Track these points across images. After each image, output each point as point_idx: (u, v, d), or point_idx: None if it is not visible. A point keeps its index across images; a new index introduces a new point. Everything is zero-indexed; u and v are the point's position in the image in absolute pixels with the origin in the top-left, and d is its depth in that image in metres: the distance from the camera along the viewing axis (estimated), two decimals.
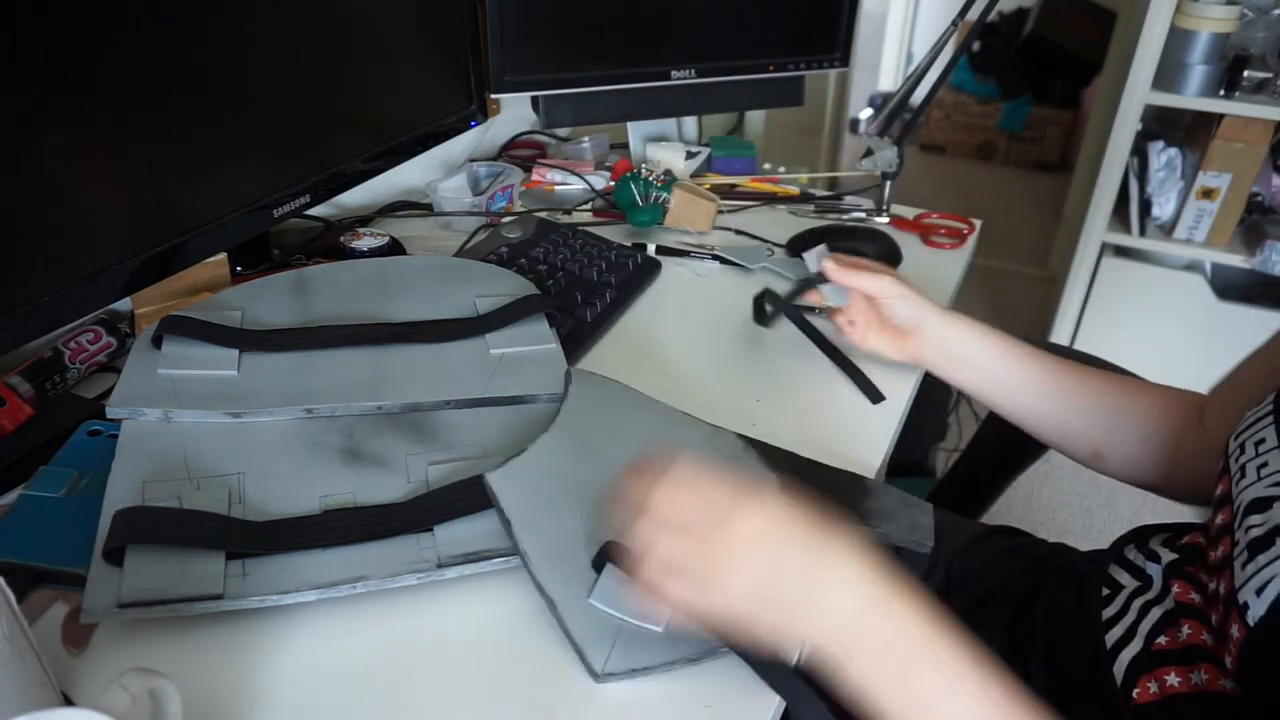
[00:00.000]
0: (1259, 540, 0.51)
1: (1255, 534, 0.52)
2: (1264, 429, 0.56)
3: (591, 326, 0.86)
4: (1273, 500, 0.52)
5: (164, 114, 0.71)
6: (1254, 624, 0.49)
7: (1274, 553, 0.49)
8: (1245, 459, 0.56)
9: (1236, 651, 0.50)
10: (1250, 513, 0.53)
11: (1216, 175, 1.81)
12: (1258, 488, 0.54)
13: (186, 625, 0.55)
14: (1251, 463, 0.55)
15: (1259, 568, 0.50)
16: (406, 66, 0.98)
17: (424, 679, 0.53)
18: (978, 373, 0.77)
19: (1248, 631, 0.49)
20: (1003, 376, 0.76)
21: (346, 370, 0.71)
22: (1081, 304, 2.09)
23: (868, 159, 1.11)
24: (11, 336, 0.65)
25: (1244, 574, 0.51)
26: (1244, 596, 0.50)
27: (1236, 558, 0.53)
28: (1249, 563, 0.51)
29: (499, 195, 1.13)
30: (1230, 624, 0.51)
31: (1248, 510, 0.53)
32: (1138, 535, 0.70)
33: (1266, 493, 0.53)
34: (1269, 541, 0.50)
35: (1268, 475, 0.53)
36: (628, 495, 0.50)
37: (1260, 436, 0.56)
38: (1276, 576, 0.48)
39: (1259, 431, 0.56)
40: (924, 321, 0.77)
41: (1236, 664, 0.50)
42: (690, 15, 1.12)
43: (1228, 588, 0.53)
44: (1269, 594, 0.48)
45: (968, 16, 1.05)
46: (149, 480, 0.60)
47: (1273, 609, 0.48)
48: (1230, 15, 1.69)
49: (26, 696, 0.43)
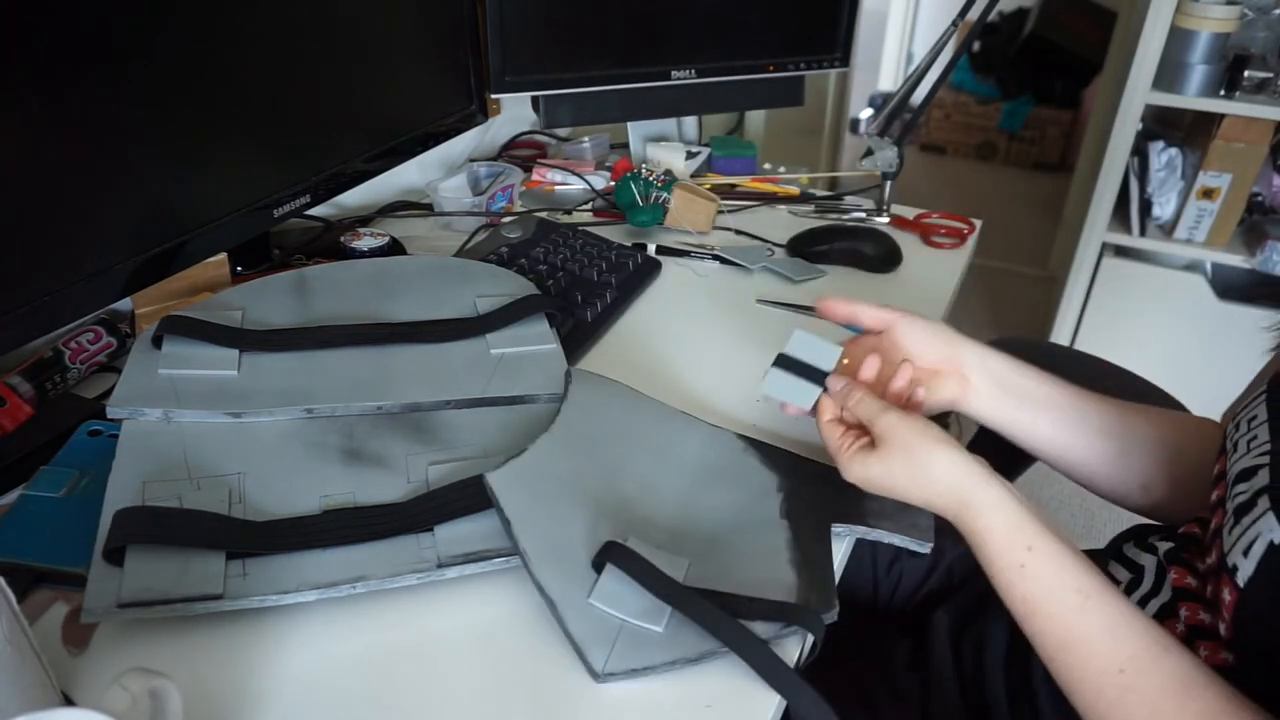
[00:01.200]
0: (1243, 505, 0.52)
1: (1240, 500, 0.53)
2: (1257, 406, 0.57)
3: (591, 326, 0.87)
4: (1257, 469, 0.53)
5: (164, 114, 0.71)
6: (1243, 584, 0.50)
7: (1256, 513, 0.50)
8: (1239, 435, 0.57)
9: (1230, 616, 0.51)
10: (1238, 482, 0.54)
11: (1217, 175, 1.81)
12: (1246, 459, 0.55)
13: (186, 625, 0.55)
14: (1244, 438, 0.56)
15: (1243, 530, 0.51)
16: (407, 66, 0.98)
17: (424, 679, 0.53)
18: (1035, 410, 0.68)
19: (1239, 593, 0.50)
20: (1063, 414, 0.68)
21: (347, 370, 0.71)
22: (1081, 304, 2.09)
23: (868, 159, 1.11)
24: (11, 336, 0.65)
25: (1230, 538, 0.52)
26: (1232, 559, 0.51)
27: (1225, 526, 0.54)
28: (1235, 527, 0.52)
29: (499, 195, 1.13)
30: (1222, 590, 0.52)
31: (1235, 480, 0.55)
32: (1136, 533, 0.70)
33: (1253, 463, 0.54)
34: (1251, 505, 0.51)
35: (1256, 447, 0.54)
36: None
37: (1254, 413, 0.57)
38: (1261, 534, 0.49)
39: (1253, 409, 0.57)
40: (957, 348, 0.67)
41: (1231, 629, 0.51)
42: (690, 15, 1.12)
43: (1218, 557, 0.54)
44: (1255, 552, 0.49)
45: (968, 16, 1.05)
46: (149, 480, 0.60)
47: (1260, 565, 0.49)
48: (1230, 15, 1.69)
49: (26, 696, 0.43)
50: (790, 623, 0.55)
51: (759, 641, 0.53)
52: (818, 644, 0.55)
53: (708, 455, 0.68)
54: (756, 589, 0.57)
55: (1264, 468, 0.52)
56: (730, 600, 0.55)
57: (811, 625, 0.55)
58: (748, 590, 0.56)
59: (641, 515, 0.62)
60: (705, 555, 0.59)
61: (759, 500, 0.64)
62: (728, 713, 0.52)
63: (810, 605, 0.56)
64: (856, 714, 0.72)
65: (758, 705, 0.52)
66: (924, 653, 0.76)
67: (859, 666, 0.76)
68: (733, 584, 0.57)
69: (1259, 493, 0.51)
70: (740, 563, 0.59)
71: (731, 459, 0.68)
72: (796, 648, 0.55)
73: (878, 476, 0.59)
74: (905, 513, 0.65)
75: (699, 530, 0.62)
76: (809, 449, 0.71)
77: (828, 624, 0.56)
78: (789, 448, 0.70)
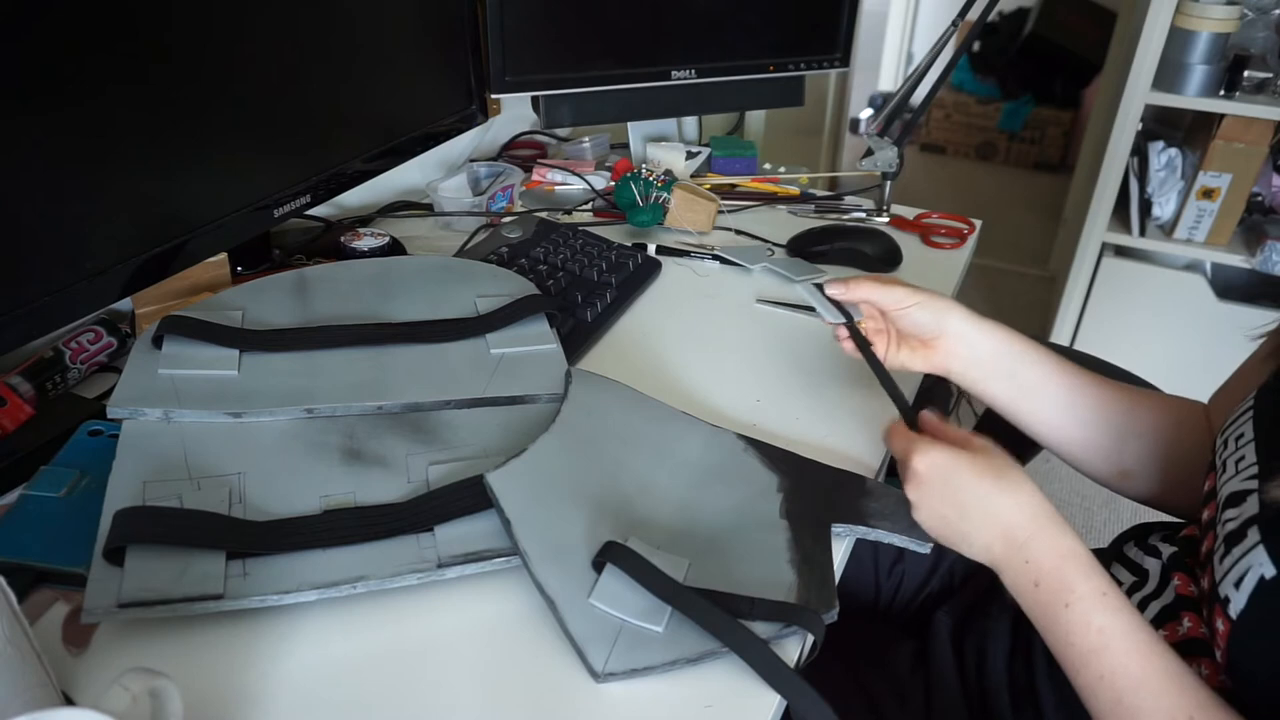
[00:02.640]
0: (1233, 534, 0.52)
1: (1230, 528, 0.52)
2: (1244, 424, 0.57)
3: (591, 326, 0.87)
4: (1246, 494, 0.53)
5: (164, 114, 0.71)
6: (1235, 617, 0.50)
7: (1246, 545, 0.50)
8: (1227, 454, 0.57)
9: (1224, 645, 0.51)
10: (1228, 507, 0.54)
11: (1217, 175, 1.81)
12: (1234, 482, 0.54)
13: (187, 625, 0.55)
14: (1231, 457, 0.56)
15: (1234, 560, 0.51)
16: (407, 66, 0.98)
17: (424, 679, 0.53)
18: (1007, 381, 0.71)
19: (1231, 625, 0.50)
20: (1032, 386, 0.71)
21: (347, 370, 0.71)
22: (1081, 304, 2.09)
23: (868, 159, 1.11)
24: (12, 336, 0.65)
25: (1222, 568, 0.52)
26: (1224, 590, 0.51)
27: (1215, 552, 0.53)
28: (1225, 556, 0.52)
29: (499, 195, 1.13)
30: (1216, 619, 0.52)
31: (1225, 505, 0.54)
32: (1137, 533, 0.70)
33: (1241, 486, 0.53)
34: (1241, 535, 0.51)
35: (1244, 469, 0.54)
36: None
37: (1240, 431, 0.57)
38: (1251, 568, 0.49)
39: (1240, 426, 0.57)
40: (945, 325, 0.70)
41: (1225, 657, 0.51)
42: (690, 15, 1.12)
43: (1210, 583, 0.53)
44: (1246, 585, 0.49)
45: (968, 16, 1.05)
46: (149, 480, 0.60)
47: (1251, 600, 0.49)
48: (1230, 15, 1.69)
49: (27, 696, 0.43)
50: (790, 623, 0.55)
51: (759, 641, 0.53)
52: (818, 644, 0.55)
53: (708, 455, 0.68)
54: (756, 589, 0.57)
55: (1253, 494, 0.52)
56: (730, 600, 0.55)
57: (811, 625, 0.55)
58: (748, 590, 0.56)
59: (642, 515, 0.62)
60: (705, 555, 0.59)
61: (759, 500, 0.64)
62: (728, 713, 0.52)
63: (810, 605, 0.56)
64: (863, 717, 0.72)
65: (758, 705, 0.52)
66: (926, 654, 0.76)
67: (863, 669, 0.76)
68: (733, 584, 0.57)
69: (1248, 522, 0.51)
70: (740, 563, 0.59)
71: (731, 459, 0.68)
72: (797, 648, 0.55)
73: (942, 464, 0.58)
74: (905, 513, 0.65)
75: (699, 530, 0.62)
76: (809, 449, 0.71)
77: (828, 624, 0.56)
78: (789, 448, 0.70)
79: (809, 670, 0.54)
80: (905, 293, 0.70)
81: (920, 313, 0.70)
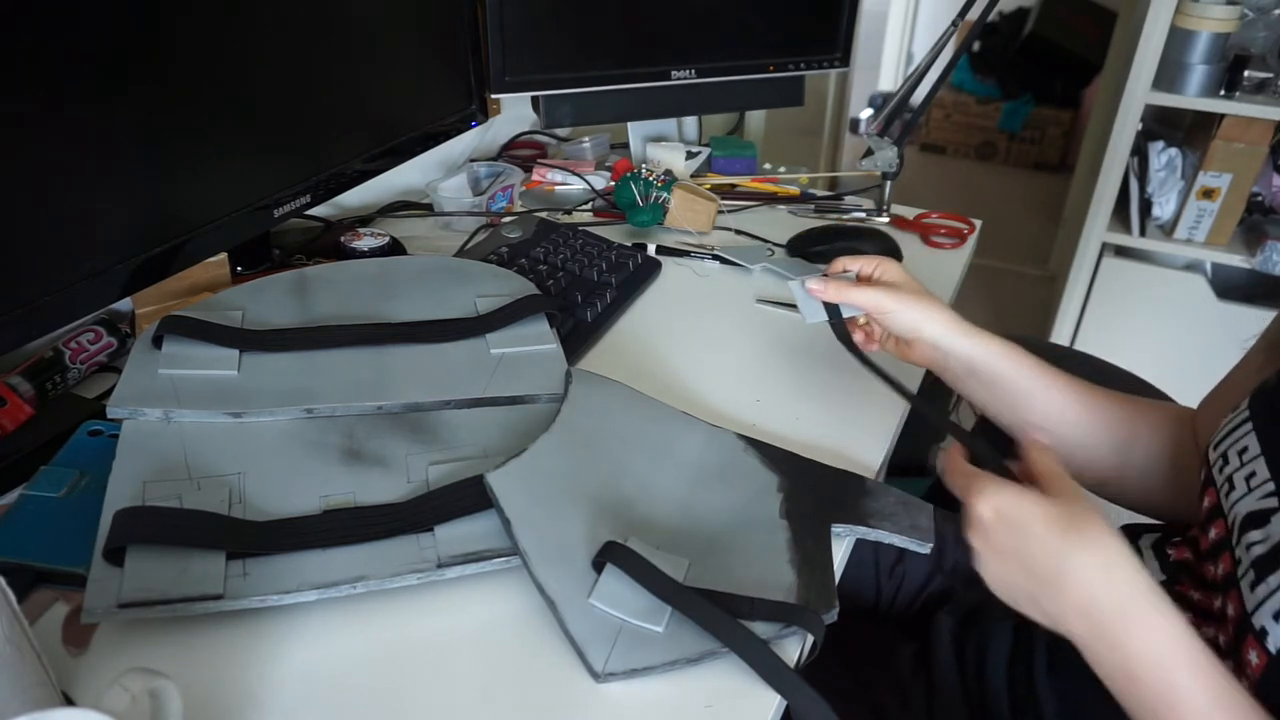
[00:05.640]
0: (1264, 559, 0.49)
1: (1259, 551, 0.50)
2: (1244, 437, 0.55)
3: (591, 326, 0.86)
4: (1270, 514, 0.51)
5: (164, 114, 0.71)
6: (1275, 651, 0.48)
7: None
8: (1230, 469, 0.55)
9: (1257, 678, 0.49)
10: (1248, 528, 0.52)
11: (1217, 175, 1.81)
12: (1250, 500, 0.52)
13: (187, 625, 0.55)
14: (1238, 473, 0.54)
15: (1270, 590, 0.48)
16: (407, 66, 0.98)
17: (424, 679, 0.53)
18: (988, 390, 0.70)
19: (1269, 659, 0.48)
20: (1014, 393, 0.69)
21: (347, 370, 0.71)
22: (1081, 304, 2.09)
23: (868, 159, 1.11)
24: (12, 336, 0.65)
25: (1255, 596, 0.49)
26: (1260, 621, 0.48)
27: (1242, 577, 0.51)
28: (1258, 583, 0.49)
29: (499, 195, 1.13)
30: (1247, 650, 0.50)
31: (1245, 525, 0.52)
32: (1127, 534, 0.70)
33: (1260, 505, 0.52)
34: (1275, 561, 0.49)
35: (1258, 486, 0.52)
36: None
37: (1243, 445, 0.55)
38: None
39: (1240, 440, 0.55)
40: (920, 332, 0.69)
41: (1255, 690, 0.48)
42: (690, 15, 1.12)
43: (1237, 610, 0.51)
44: None
45: (968, 16, 1.05)
46: (149, 480, 0.60)
47: None
48: (1230, 15, 1.69)
49: (27, 696, 0.43)
50: (790, 623, 0.55)
51: (759, 641, 0.53)
52: (818, 644, 0.55)
53: (708, 455, 0.68)
54: (756, 589, 0.57)
55: (1277, 512, 0.50)
56: (730, 600, 0.55)
57: (811, 625, 0.55)
58: (748, 590, 0.56)
59: (641, 515, 0.62)
60: (705, 555, 0.59)
61: (759, 500, 0.64)
62: (728, 713, 0.52)
63: (810, 605, 0.56)
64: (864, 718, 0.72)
65: (758, 705, 0.52)
66: (928, 656, 0.76)
67: (865, 671, 0.75)
68: (733, 584, 0.57)
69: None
70: (740, 563, 0.59)
71: (731, 459, 0.68)
72: (796, 648, 0.55)
73: (1008, 511, 0.51)
74: (905, 513, 0.65)
75: (699, 530, 0.62)
76: (809, 449, 0.71)
77: (829, 625, 0.56)
78: (789, 448, 0.70)
79: (809, 670, 0.54)
80: (886, 298, 0.69)
81: (896, 319, 0.69)
